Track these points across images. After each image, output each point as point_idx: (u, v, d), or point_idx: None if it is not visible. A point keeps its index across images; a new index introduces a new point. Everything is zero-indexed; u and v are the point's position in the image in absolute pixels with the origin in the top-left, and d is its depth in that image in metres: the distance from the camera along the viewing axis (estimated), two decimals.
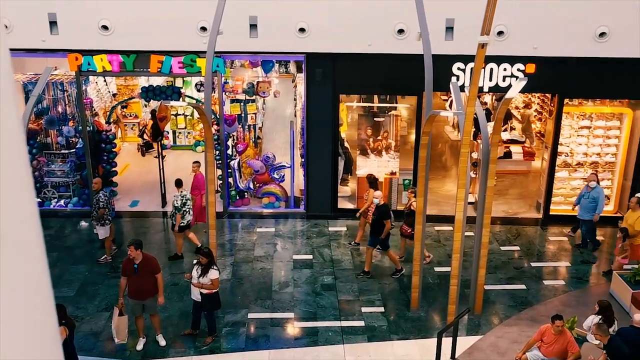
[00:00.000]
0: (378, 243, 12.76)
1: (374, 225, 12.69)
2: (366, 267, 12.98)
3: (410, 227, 12.95)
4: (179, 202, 13.07)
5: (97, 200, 12.97)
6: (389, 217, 12.63)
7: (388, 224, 12.54)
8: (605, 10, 13.22)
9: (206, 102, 10.96)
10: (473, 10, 10.64)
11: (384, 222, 12.51)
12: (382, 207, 12.66)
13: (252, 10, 13.45)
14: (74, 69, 14.46)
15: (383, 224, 12.52)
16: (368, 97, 16.67)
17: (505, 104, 10.58)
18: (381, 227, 12.53)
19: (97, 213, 12.95)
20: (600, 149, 15.49)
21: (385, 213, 12.61)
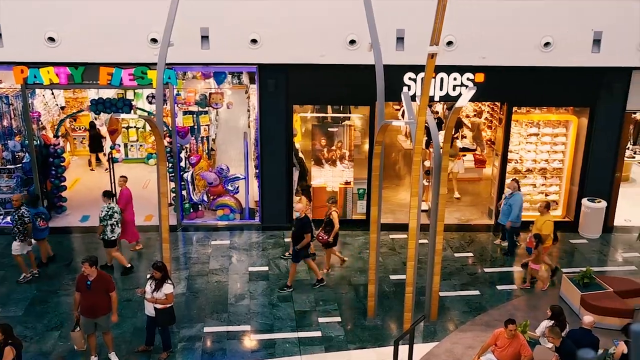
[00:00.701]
0: (301, 255, 12.72)
1: (294, 237, 12.70)
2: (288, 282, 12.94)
3: (327, 235, 13.14)
4: (103, 213, 12.85)
5: (21, 215, 12.63)
6: (309, 231, 12.58)
7: (307, 237, 12.51)
8: (549, 21, 13.60)
9: (158, 114, 10.82)
10: (423, 21, 10.79)
11: (304, 235, 12.49)
12: (302, 220, 12.64)
13: (203, 22, 13.37)
14: (19, 82, 14.10)
15: (303, 237, 12.51)
16: (322, 108, 16.74)
17: (456, 112, 10.76)
18: (301, 240, 12.52)
19: (22, 228, 12.61)
20: (548, 156, 15.90)
21: (305, 225, 12.57)
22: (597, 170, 15.37)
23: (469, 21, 13.54)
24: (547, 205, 13.52)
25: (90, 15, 13.32)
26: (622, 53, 13.74)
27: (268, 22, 13.51)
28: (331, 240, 13.30)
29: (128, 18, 13.31)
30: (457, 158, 17.40)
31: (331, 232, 13.22)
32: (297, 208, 13.05)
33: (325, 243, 13.33)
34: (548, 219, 13.23)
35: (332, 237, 13.26)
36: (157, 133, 10.50)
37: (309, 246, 12.92)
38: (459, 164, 17.51)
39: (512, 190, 14.35)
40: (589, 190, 15.44)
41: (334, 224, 13.22)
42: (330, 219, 13.24)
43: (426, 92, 9.95)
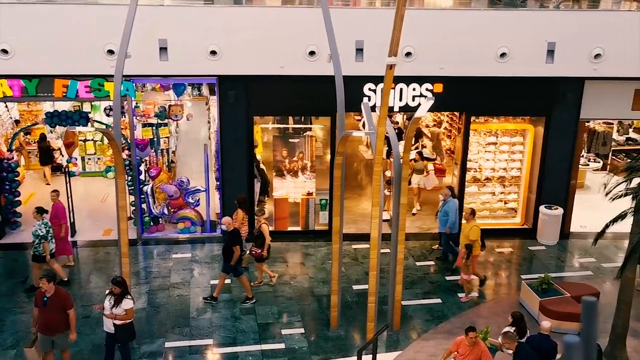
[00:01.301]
0: (230, 269, 12.57)
1: (224, 251, 12.56)
2: (215, 293, 12.76)
3: (260, 249, 13.01)
4: (44, 230, 12.49)
5: None
6: (238, 243, 12.47)
7: (237, 250, 12.37)
8: (505, 32, 13.87)
9: (115, 127, 10.66)
10: (382, 32, 10.89)
11: (234, 248, 12.36)
12: (232, 233, 12.53)
13: (161, 33, 13.25)
14: None
15: (233, 250, 12.38)
16: (283, 119, 16.73)
17: (415, 123, 10.86)
18: (231, 253, 12.38)
19: None
20: (506, 164, 16.18)
21: (235, 239, 12.46)
22: (553, 178, 15.69)
23: (427, 32, 13.72)
24: (473, 211, 13.57)
25: (44, 26, 13.07)
26: (575, 63, 14.09)
27: (227, 33, 13.46)
28: (265, 253, 13.12)
29: (84, 29, 13.10)
30: (426, 174, 17.26)
31: (263, 245, 13.04)
32: (223, 221, 12.82)
33: (259, 257, 13.16)
34: (474, 225, 13.29)
35: (265, 250, 13.07)
36: (114, 146, 10.34)
37: (241, 260, 12.74)
38: (427, 179, 17.31)
39: (445, 198, 14.54)
40: (546, 198, 15.74)
41: (265, 237, 13.06)
42: (260, 232, 13.05)
43: (385, 103, 10.02)
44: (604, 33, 13.89)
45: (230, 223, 12.72)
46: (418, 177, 16.98)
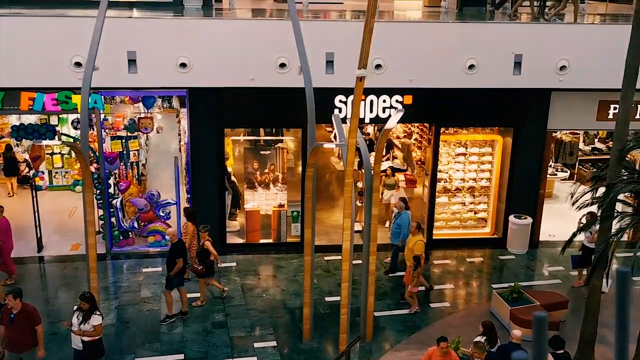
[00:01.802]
0: (176, 283, 12.37)
1: (167, 263, 12.39)
2: (183, 307, 12.61)
3: (202, 265, 12.82)
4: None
5: None
6: (181, 256, 12.28)
7: (180, 263, 12.19)
8: (473, 44, 14.05)
9: (83, 140, 10.52)
10: (351, 44, 10.95)
11: (176, 260, 12.19)
12: (176, 245, 12.35)
13: (130, 45, 13.14)
14: None
15: (175, 262, 12.21)
16: (254, 131, 16.69)
17: (385, 134, 10.93)
18: (174, 266, 12.22)
19: None
20: (476, 174, 16.35)
21: (179, 251, 12.29)
22: (522, 188, 15.90)
23: (397, 44, 13.83)
24: (419, 225, 13.42)
25: (10, 38, 12.86)
26: (542, 75, 14.32)
27: (197, 45, 13.41)
28: (204, 269, 12.88)
29: (51, 41, 12.92)
30: (396, 189, 16.99)
31: (205, 261, 12.86)
32: (168, 232, 12.57)
33: (199, 273, 12.95)
34: (419, 239, 13.12)
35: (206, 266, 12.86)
36: (82, 159, 10.20)
37: (183, 273, 12.56)
38: (398, 195, 16.73)
39: (399, 210, 14.52)
40: (515, 207, 15.94)
41: (210, 252, 12.87)
42: (204, 248, 12.86)
43: (356, 115, 10.07)
44: (568, 45, 14.17)
45: (175, 235, 12.52)
46: (389, 192, 16.81)
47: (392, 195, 16.75)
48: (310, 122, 11.01)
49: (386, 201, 16.86)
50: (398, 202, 14.68)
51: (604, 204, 10.47)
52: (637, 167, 14.19)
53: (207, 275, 13.09)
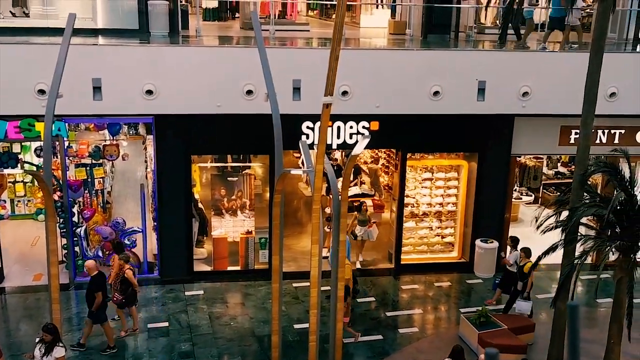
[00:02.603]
0: (94, 316, 12.07)
1: (87, 297, 12.09)
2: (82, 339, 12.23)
3: (122, 295, 12.52)
4: None
5: None
6: (100, 290, 11.98)
7: (99, 297, 11.91)
8: (437, 71, 14.26)
9: (46, 168, 10.33)
10: (318, 71, 11.03)
11: (95, 294, 11.89)
12: (94, 278, 12.05)
13: (95, 72, 13.03)
14: None
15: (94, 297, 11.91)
16: (221, 157, 16.62)
17: (352, 160, 10.97)
18: (93, 300, 11.92)
19: None
20: (443, 199, 16.51)
21: (98, 284, 11.99)
22: (488, 212, 16.09)
23: (363, 71, 13.97)
24: None
25: None
26: (505, 101, 14.59)
27: (164, 72, 13.36)
28: (125, 300, 12.58)
29: (13, 69, 12.74)
30: (369, 226, 16.46)
31: (127, 291, 12.55)
32: (86, 265, 12.27)
33: (119, 303, 12.62)
34: (346, 263, 12.64)
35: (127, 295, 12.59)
36: (44, 188, 10.01)
37: (105, 307, 12.18)
38: (371, 232, 16.48)
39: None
40: (481, 232, 16.10)
41: (131, 282, 12.57)
42: (124, 278, 12.52)
43: (323, 141, 10.10)
44: (530, 72, 14.49)
45: (93, 267, 12.13)
46: (362, 228, 16.36)
47: (365, 232, 16.34)
48: (277, 149, 10.99)
49: (359, 238, 16.38)
50: None
51: (567, 228, 10.64)
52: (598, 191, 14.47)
53: (127, 305, 12.72)
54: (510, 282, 13.91)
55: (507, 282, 14.09)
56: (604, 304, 14.34)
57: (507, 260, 14.18)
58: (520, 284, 13.53)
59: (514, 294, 13.67)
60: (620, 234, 10.60)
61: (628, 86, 14.46)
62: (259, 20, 11.34)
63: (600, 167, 11.23)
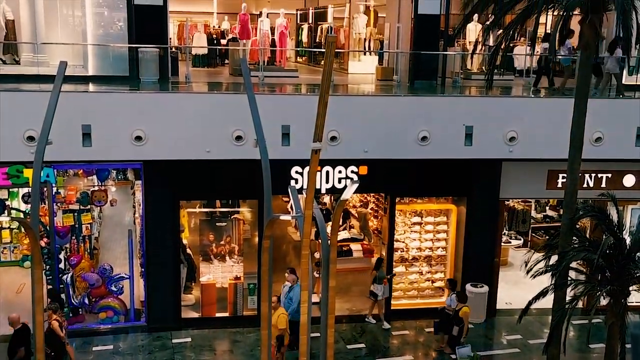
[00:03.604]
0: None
1: (9, 352, 11.69)
2: None
3: (50, 349, 11.87)
4: None
5: None
6: (23, 344, 11.60)
7: (21, 353, 11.54)
8: (424, 116, 14.41)
9: (33, 215, 10.24)
10: (307, 117, 11.12)
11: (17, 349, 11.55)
12: (18, 332, 11.66)
13: (85, 119, 13.05)
14: None
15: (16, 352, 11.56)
16: (210, 202, 16.57)
17: (341, 205, 10.96)
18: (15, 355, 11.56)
19: None
20: (432, 243, 16.50)
21: (20, 339, 11.62)
22: (477, 256, 16.07)
23: (352, 117, 14.10)
24: (278, 298, 13.15)
25: None
26: (492, 146, 14.71)
27: (153, 118, 13.41)
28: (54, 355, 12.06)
29: (2, 115, 12.73)
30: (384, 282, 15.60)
31: (54, 345, 12.00)
32: (10, 318, 11.79)
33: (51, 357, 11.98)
34: (281, 312, 12.83)
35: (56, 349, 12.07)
36: (31, 235, 9.90)
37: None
38: (386, 288, 15.63)
39: (291, 283, 13.89)
40: (471, 276, 16.04)
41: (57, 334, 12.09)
42: (51, 330, 12.00)
43: (312, 187, 10.10)
44: (516, 117, 14.66)
45: (16, 320, 11.69)
46: (379, 286, 15.42)
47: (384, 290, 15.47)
48: (266, 194, 10.98)
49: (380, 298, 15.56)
50: (290, 275, 14.04)
51: (557, 272, 10.63)
52: (587, 235, 14.54)
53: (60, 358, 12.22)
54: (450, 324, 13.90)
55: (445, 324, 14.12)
56: (596, 349, 14.23)
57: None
58: (456, 329, 13.49)
59: (451, 340, 13.64)
60: (610, 279, 10.60)
61: (613, 131, 14.66)
62: (248, 67, 11.47)
63: (588, 211, 11.31)
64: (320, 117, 9.16)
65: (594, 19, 10.65)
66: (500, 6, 11.49)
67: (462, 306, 13.36)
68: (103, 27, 16.12)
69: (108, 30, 16.12)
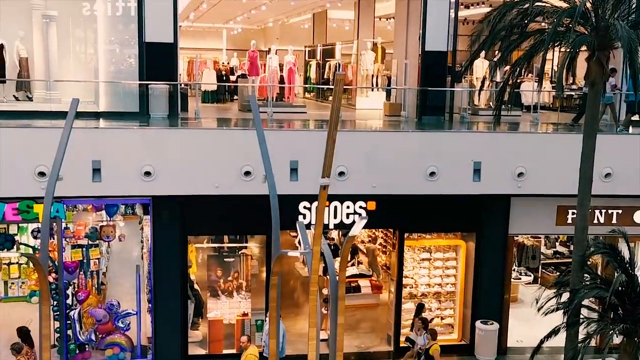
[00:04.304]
0: None
1: None
2: None
3: None
4: None
5: None
6: None
7: None
8: (433, 152, 14.42)
9: (43, 251, 10.26)
10: (315, 152, 11.17)
11: None
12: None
13: (95, 155, 13.15)
14: None
15: None
16: (217, 237, 16.56)
17: (349, 242, 10.93)
18: None
19: None
20: (441, 280, 16.36)
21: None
22: (487, 293, 15.91)
23: (359, 152, 14.13)
24: (249, 338, 13.02)
25: None
26: (500, 181, 14.68)
27: (162, 154, 13.50)
28: None
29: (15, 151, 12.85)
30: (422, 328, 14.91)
31: None
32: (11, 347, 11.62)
33: None
34: (251, 352, 12.64)
35: None
36: (40, 271, 9.90)
37: None
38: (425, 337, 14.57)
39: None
40: (481, 313, 15.85)
41: None
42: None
43: (320, 223, 10.11)
44: (524, 153, 14.66)
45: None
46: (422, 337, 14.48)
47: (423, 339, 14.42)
48: (274, 231, 10.97)
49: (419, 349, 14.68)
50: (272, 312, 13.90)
51: (569, 310, 10.50)
52: (599, 272, 14.39)
53: None
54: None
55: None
56: None
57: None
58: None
59: None
60: (623, 317, 10.45)
61: (623, 167, 14.61)
62: (257, 103, 11.57)
63: (600, 248, 11.22)
64: (329, 154, 9.21)
65: (601, 56, 10.71)
66: (507, 44, 11.58)
67: (433, 343, 13.19)
68: (114, 64, 16.36)
69: (119, 66, 16.36)
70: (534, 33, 11.42)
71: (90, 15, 16.21)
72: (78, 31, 16.98)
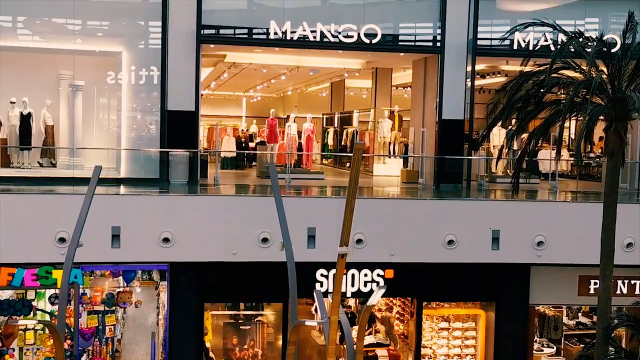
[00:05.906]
0: None
1: None
2: None
3: None
4: None
5: None
6: None
7: None
8: (450, 220, 14.38)
9: (60, 318, 10.23)
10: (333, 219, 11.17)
11: None
12: None
13: (114, 221, 13.28)
14: None
15: None
16: (234, 304, 16.43)
17: (367, 311, 10.79)
18: None
19: None
20: (460, 350, 15.99)
21: None
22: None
23: (377, 220, 14.12)
24: None
25: None
26: (520, 250, 14.53)
27: (181, 220, 13.59)
28: None
29: (36, 217, 13.03)
30: None
31: None
32: None
33: None
34: None
35: None
36: (57, 338, 9.85)
37: None
38: None
39: None
40: None
41: None
42: None
43: (338, 292, 10.00)
44: (544, 221, 14.55)
45: None
46: None
47: None
48: (292, 300, 10.88)
49: None
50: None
51: None
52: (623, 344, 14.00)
53: None
54: None
55: None
56: None
57: None
58: None
59: None
60: None
61: None
62: (275, 170, 11.68)
63: (624, 320, 10.96)
64: (347, 223, 9.21)
65: (619, 127, 10.76)
66: (524, 114, 11.69)
67: None
68: (136, 130, 16.74)
69: (140, 133, 16.73)
70: (550, 103, 11.53)
71: (115, 84, 16.70)
72: (102, 99, 17.49)
